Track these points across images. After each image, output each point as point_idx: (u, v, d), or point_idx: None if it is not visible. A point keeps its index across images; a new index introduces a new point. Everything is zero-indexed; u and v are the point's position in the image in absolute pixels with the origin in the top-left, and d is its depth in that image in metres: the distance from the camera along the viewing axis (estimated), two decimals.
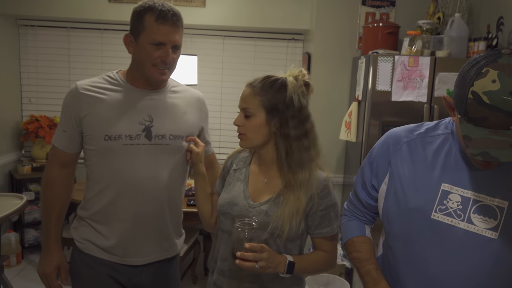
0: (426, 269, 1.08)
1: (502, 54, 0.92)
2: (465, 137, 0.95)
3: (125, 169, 1.50)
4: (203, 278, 3.52)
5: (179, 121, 1.59)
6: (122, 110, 1.52)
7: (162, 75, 1.52)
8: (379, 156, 1.21)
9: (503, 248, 1.02)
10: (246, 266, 1.22)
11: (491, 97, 0.90)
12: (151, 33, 1.46)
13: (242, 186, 1.42)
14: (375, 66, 2.77)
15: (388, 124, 2.81)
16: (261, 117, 1.32)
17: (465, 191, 1.06)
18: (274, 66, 3.89)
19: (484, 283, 1.04)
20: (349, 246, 1.27)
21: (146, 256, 1.59)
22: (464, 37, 2.89)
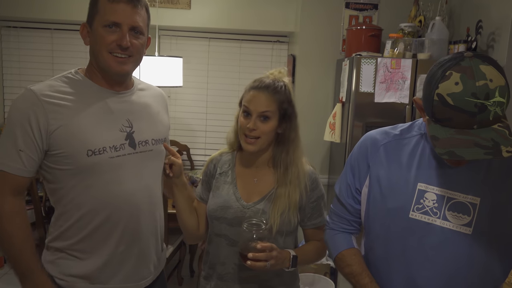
0: (407, 266, 1.12)
1: (465, 57, 0.96)
2: (433, 137, 0.98)
3: (114, 186, 1.30)
4: (189, 280, 3.52)
5: (157, 123, 1.45)
6: (99, 118, 1.30)
7: (121, 64, 1.29)
8: (359, 160, 1.23)
9: (477, 243, 1.06)
10: (258, 266, 1.24)
11: (455, 99, 0.93)
12: (104, 14, 1.27)
13: (231, 189, 1.43)
14: (358, 68, 2.81)
15: (372, 125, 2.85)
16: (275, 121, 1.37)
17: (439, 189, 1.09)
18: (259, 68, 3.92)
19: (462, 277, 1.07)
20: (340, 261, 1.26)
21: (144, 279, 1.41)
22: (445, 40, 2.96)
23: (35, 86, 1.27)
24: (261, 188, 1.41)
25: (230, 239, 1.40)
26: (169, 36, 3.82)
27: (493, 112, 0.93)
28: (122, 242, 1.33)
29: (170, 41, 3.83)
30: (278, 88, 1.38)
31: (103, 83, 1.35)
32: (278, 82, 1.39)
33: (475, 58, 0.95)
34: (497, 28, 2.88)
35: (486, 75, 0.92)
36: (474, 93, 0.92)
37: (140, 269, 1.38)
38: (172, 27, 3.72)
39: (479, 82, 0.92)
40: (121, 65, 1.30)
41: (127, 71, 1.34)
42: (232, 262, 1.40)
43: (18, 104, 1.25)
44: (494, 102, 0.92)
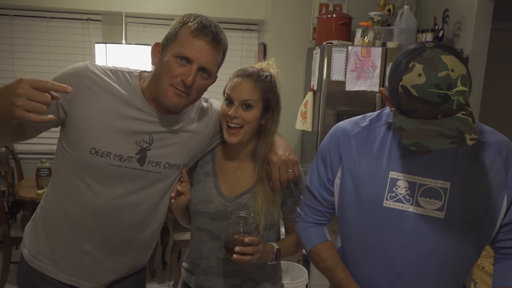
0: (383, 254, 1.13)
1: (426, 47, 0.97)
2: (400, 129, 0.99)
3: (100, 190, 1.25)
4: (161, 272, 3.48)
5: (181, 148, 1.34)
6: (121, 122, 1.24)
7: (178, 97, 1.22)
8: (330, 151, 1.23)
9: (450, 226, 1.08)
10: (244, 260, 1.22)
11: (419, 90, 0.95)
12: (180, 44, 1.20)
13: (212, 182, 1.39)
14: (329, 57, 2.82)
15: (343, 113, 2.87)
16: (258, 110, 1.33)
17: (410, 176, 1.11)
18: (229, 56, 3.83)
19: (437, 260, 1.10)
20: (314, 255, 1.25)
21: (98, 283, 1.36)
22: (413, 28, 3.00)
23: (92, 63, 1.26)
24: (244, 182, 1.38)
25: (213, 233, 1.37)
26: (136, 23, 3.71)
27: (456, 101, 0.94)
28: (91, 243, 1.30)
29: (138, 28, 3.72)
30: (263, 77, 1.33)
31: (151, 100, 1.28)
32: (263, 71, 1.35)
33: (436, 48, 0.97)
34: (463, 17, 2.94)
35: (448, 65, 0.94)
36: (437, 84, 0.93)
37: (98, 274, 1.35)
38: (139, 14, 3.62)
39: (441, 73, 0.94)
40: (178, 98, 1.22)
41: (182, 106, 1.26)
42: (215, 256, 1.38)
43: (66, 70, 1.24)
44: (456, 91, 0.94)
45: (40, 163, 2.99)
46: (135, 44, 3.20)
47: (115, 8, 3.47)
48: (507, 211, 1.11)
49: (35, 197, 2.79)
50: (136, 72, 1.31)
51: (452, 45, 3.02)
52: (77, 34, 3.69)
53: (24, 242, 1.36)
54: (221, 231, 1.34)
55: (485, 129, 1.13)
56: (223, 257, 1.36)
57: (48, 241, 1.31)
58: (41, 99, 0.96)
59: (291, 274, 2.78)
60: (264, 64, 1.40)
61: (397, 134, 1.02)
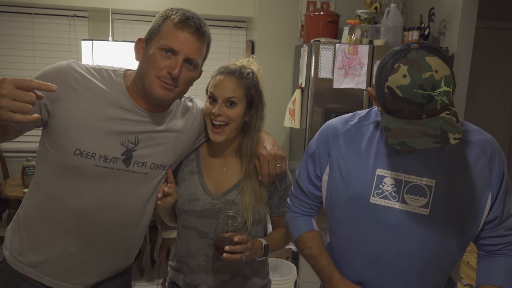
0: (370, 249, 1.16)
1: (411, 49, 1.00)
2: (386, 128, 1.02)
3: (85, 192, 1.23)
4: (150, 270, 3.47)
5: (167, 148, 1.33)
6: (105, 123, 1.22)
7: (165, 89, 1.21)
8: (319, 148, 1.25)
9: (434, 223, 1.11)
10: (234, 258, 1.23)
11: (404, 91, 0.97)
12: (164, 37, 1.20)
13: (197, 180, 1.39)
14: (317, 54, 2.83)
15: (331, 110, 2.89)
16: (242, 107, 1.34)
17: (397, 174, 1.13)
18: (217, 53, 3.86)
19: (422, 255, 1.13)
20: (300, 243, 1.29)
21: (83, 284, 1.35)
22: (399, 26, 3.02)
23: (75, 62, 1.24)
24: (230, 178, 1.39)
25: (200, 231, 1.37)
26: (123, 20, 3.68)
27: (440, 102, 0.97)
28: (75, 245, 1.28)
29: (124, 25, 3.69)
30: (245, 74, 1.34)
31: (137, 98, 1.27)
32: (245, 68, 1.36)
33: (421, 50, 0.99)
34: (448, 15, 2.97)
35: (432, 66, 0.96)
36: (421, 85, 0.96)
37: (82, 276, 1.33)
38: (126, 10, 3.59)
39: (425, 74, 0.96)
40: (165, 91, 1.22)
41: (169, 98, 1.25)
42: (203, 254, 1.38)
43: (48, 68, 1.21)
44: (440, 92, 0.96)
45: (26, 162, 2.95)
46: (122, 41, 3.17)
47: (101, 5, 3.44)
48: (491, 209, 1.13)
49: (21, 196, 2.76)
50: (121, 71, 1.30)
51: (438, 43, 3.06)
52: (62, 31, 3.65)
53: (6, 243, 1.34)
54: (209, 229, 1.34)
55: (471, 128, 1.15)
56: (211, 254, 1.36)
57: (30, 242, 1.29)
58: (26, 98, 0.93)
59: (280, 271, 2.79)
60: (245, 61, 1.41)
61: (384, 133, 1.04)
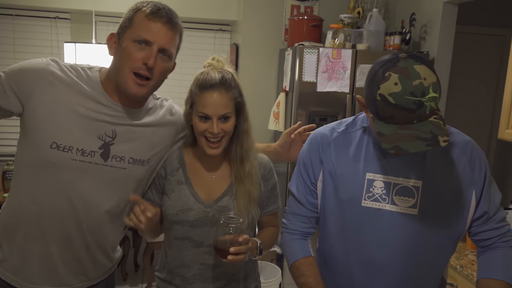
0: (363, 252, 1.20)
1: (400, 58, 1.05)
2: (379, 134, 1.06)
3: (63, 188, 1.22)
4: (133, 274, 3.43)
5: (145, 143, 1.33)
6: (82, 116, 1.22)
7: (139, 86, 1.22)
8: (311, 157, 1.28)
9: (423, 221, 1.16)
10: (238, 259, 1.22)
11: (395, 98, 1.02)
12: (137, 29, 1.21)
13: (188, 190, 1.36)
14: (301, 58, 2.85)
15: (315, 114, 2.91)
16: (234, 116, 1.33)
17: (385, 177, 1.18)
18: (201, 57, 3.85)
19: (414, 253, 1.17)
20: (296, 269, 1.28)
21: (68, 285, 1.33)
22: (381, 31, 3.07)
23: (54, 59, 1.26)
24: (220, 184, 1.38)
25: (195, 240, 1.35)
26: (106, 22, 3.65)
27: (429, 107, 1.02)
28: (54, 245, 1.27)
29: (108, 27, 3.66)
30: (229, 82, 1.31)
31: (112, 93, 1.28)
32: (226, 74, 1.32)
33: (409, 59, 1.04)
34: (428, 20, 3.03)
35: (420, 74, 1.02)
36: (412, 91, 1.01)
37: (65, 278, 1.31)
38: (109, 13, 3.56)
39: (415, 81, 1.01)
40: (139, 87, 1.23)
41: (143, 94, 1.27)
42: (198, 263, 1.36)
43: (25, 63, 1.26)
44: (429, 98, 1.01)
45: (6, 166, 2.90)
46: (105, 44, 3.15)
47: (84, 7, 3.40)
48: (477, 206, 1.19)
49: (1, 200, 2.71)
50: (96, 68, 1.31)
51: (419, 48, 3.12)
52: (44, 33, 3.60)
53: None
54: (204, 237, 1.33)
55: (451, 131, 1.20)
56: (207, 262, 1.35)
57: (10, 248, 1.28)
58: None
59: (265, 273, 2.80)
60: (214, 63, 1.37)
61: (377, 138, 1.08)
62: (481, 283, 1.20)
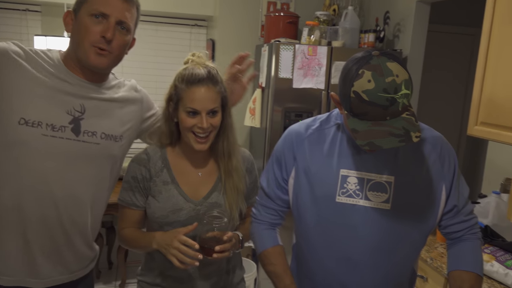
0: (338, 247, 1.21)
1: (373, 55, 1.06)
2: (353, 130, 1.07)
3: (37, 168, 1.19)
4: (106, 272, 3.39)
5: (114, 118, 1.33)
6: (49, 91, 1.21)
7: (100, 56, 1.23)
8: (285, 153, 1.30)
9: (396, 216, 1.18)
10: (223, 256, 1.24)
11: (369, 95, 1.03)
12: (93, 2, 1.22)
13: (175, 190, 1.35)
14: (277, 54, 2.86)
15: (291, 110, 2.93)
16: (220, 111, 1.32)
17: (359, 173, 1.20)
18: (177, 52, 3.82)
19: (389, 247, 1.20)
20: (264, 258, 1.32)
21: (47, 278, 1.29)
22: (356, 29, 3.11)
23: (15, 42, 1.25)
24: (207, 180, 1.38)
25: None
26: None
27: (401, 103, 1.04)
28: (31, 230, 1.23)
29: None
30: (216, 77, 1.31)
31: (75, 69, 1.28)
32: (211, 69, 1.32)
33: (382, 56, 1.06)
34: (402, 19, 3.09)
35: (393, 71, 1.03)
36: (385, 88, 1.02)
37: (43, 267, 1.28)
38: None
39: (388, 78, 1.02)
40: (100, 58, 1.24)
41: (105, 65, 1.27)
42: None
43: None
44: (401, 94, 1.03)
45: None
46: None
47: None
48: (447, 199, 1.23)
49: None
50: (55, 50, 1.32)
51: (392, 46, 3.18)
52: (14, 26, 3.48)
53: None
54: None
55: (422, 127, 1.23)
56: (202, 260, 1.32)
57: None
58: None
59: None
60: (195, 59, 1.37)
61: (352, 135, 1.09)
62: (453, 275, 1.24)
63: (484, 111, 1.87)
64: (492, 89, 1.83)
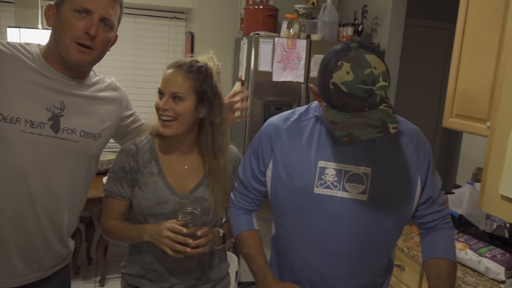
0: (316, 237, 1.23)
1: (351, 48, 1.08)
2: (332, 122, 1.08)
3: (15, 164, 1.17)
4: (86, 268, 3.35)
5: (94, 116, 1.32)
6: (27, 87, 1.19)
7: (82, 54, 1.21)
8: (263, 145, 1.30)
9: (373, 207, 1.20)
10: (198, 252, 1.24)
11: (348, 86, 1.04)
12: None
13: (161, 181, 1.35)
14: (256, 47, 2.86)
15: (270, 103, 2.94)
16: (192, 102, 1.30)
17: (337, 164, 1.21)
18: (155, 45, 3.78)
19: (365, 237, 1.22)
20: (240, 241, 1.34)
21: (21, 276, 1.27)
22: (335, 22, 3.13)
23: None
24: (194, 175, 1.38)
25: None
26: None
27: (379, 95, 1.05)
28: (7, 227, 1.21)
29: None
30: (195, 68, 1.31)
31: (55, 65, 1.25)
32: (197, 62, 1.33)
33: (360, 49, 1.07)
34: (379, 13, 3.12)
35: (371, 63, 1.05)
36: (363, 80, 1.03)
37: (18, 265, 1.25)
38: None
39: (366, 70, 1.04)
40: (82, 55, 1.22)
41: (87, 63, 1.25)
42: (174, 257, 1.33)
43: None
44: (379, 86, 1.04)
45: None
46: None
47: None
48: (422, 190, 1.26)
49: None
50: (34, 44, 1.29)
51: (370, 39, 3.21)
52: None
53: None
54: None
55: (398, 119, 1.25)
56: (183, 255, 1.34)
57: None
58: None
59: None
60: (204, 57, 1.39)
61: (331, 127, 1.10)
62: (429, 262, 1.27)
63: (459, 104, 1.92)
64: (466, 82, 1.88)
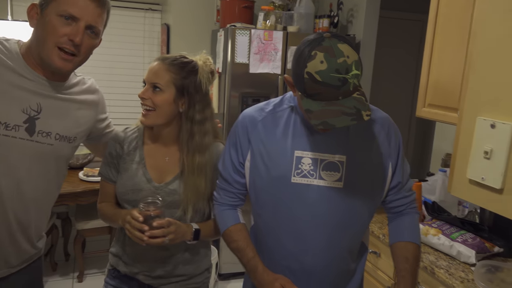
0: (294, 224, 1.25)
1: (324, 37, 1.09)
2: (307, 111, 1.10)
3: None
4: (63, 264, 3.30)
5: (71, 120, 1.30)
6: (4, 86, 1.16)
7: (64, 61, 1.18)
8: (240, 137, 1.31)
9: (348, 194, 1.24)
10: (155, 242, 1.24)
11: (322, 75, 1.06)
12: (63, 2, 1.15)
13: (141, 169, 1.37)
14: (233, 39, 2.85)
15: (248, 95, 2.94)
16: (170, 94, 1.32)
17: (313, 153, 1.24)
18: (130, 37, 3.72)
19: (341, 224, 1.25)
20: (227, 236, 1.35)
21: None
22: (311, 14, 3.15)
23: None
24: (173, 167, 1.38)
25: None
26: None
27: (352, 84, 1.07)
28: None
29: (26, 3, 3.39)
30: (178, 61, 1.34)
31: (35, 66, 1.21)
32: (184, 58, 1.36)
33: (333, 38, 1.09)
34: (355, 5, 3.16)
35: (344, 52, 1.07)
36: (337, 69, 1.05)
37: None
38: None
39: (339, 59, 1.06)
40: (64, 62, 1.19)
41: (68, 69, 1.23)
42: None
43: None
44: (352, 75, 1.07)
45: None
46: (24, 21, 2.93)
47: None
48: (392, 176, 1.30)
49: None
50: (14, 40, 1.24)
51: (346, 31, 3.24)
52: None
53: None
54: None
55: (371, 108, 1.28)
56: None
57: None
58: None
59: None
60: (198, 56, 1.42)
61: (306, 116, 1.12)
62: (397, 245, 1.32)
63: (431, 94, 1.96)
64: (438, 73, 1.92)
